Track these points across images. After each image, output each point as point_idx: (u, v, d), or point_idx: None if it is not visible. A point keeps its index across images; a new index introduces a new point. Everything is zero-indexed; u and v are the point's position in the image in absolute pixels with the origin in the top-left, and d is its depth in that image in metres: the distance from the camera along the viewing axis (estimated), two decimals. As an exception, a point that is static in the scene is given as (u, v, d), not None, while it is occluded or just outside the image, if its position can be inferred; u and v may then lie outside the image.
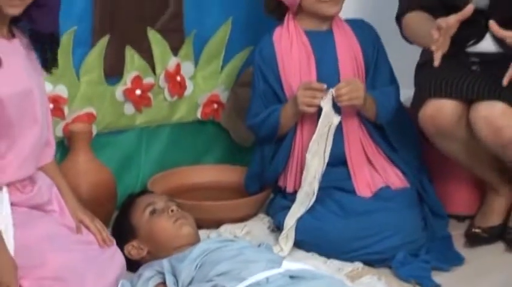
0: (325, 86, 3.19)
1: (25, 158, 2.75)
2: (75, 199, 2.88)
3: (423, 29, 3.19)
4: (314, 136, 3.21)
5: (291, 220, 3.21)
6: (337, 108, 3.23)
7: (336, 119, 3.21)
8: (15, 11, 2.66)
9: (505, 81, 3.07)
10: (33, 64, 2.81)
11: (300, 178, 3.28)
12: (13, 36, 2.73)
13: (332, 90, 3.18)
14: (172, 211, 3.02)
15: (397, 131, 3.37)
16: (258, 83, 3.35)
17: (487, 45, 3.28)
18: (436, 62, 3.06)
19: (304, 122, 3.31)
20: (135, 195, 3.14)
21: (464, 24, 3.12)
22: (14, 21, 2.74)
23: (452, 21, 3.06)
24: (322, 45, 3.34)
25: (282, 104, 3.30)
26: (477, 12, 3.12)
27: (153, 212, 3.02)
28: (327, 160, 3.22)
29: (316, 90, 3.19)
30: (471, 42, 3.29)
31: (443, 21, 3.04)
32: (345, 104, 3.19)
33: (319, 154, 3.22)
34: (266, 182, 3.40)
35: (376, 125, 3.35)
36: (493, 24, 3.06)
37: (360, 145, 3.35)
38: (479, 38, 3.28)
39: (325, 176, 3.26)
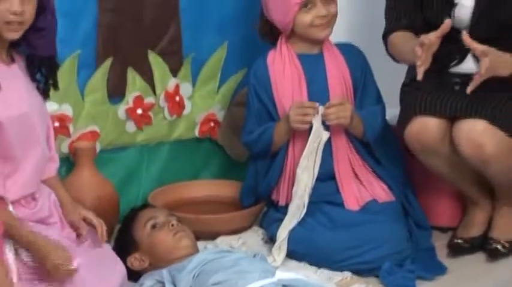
0: (316, 104, 3.19)
1: (28, 177, 2.74)
2: (75, 203, 2.89)
3: (407, 46, 3.19)
4: (304, 152, 3.23)
5: (283, 232, 3.21)
6: (326, 125, 3.22)
7: (325, 135, 3.22)
8: (14, 35, 2.66)
9: (468, 90, 3.06)
10: (32, 86, 2.79)
11: (292, 191, 3.28)
12: (12, 60, 2.72)
13: (322, 108, 3.17)
14: (172, 225, 3.02)
15: (383, 147, 3.38)
16: (253, 102, 3.36)
17: (468, 66, 3.27)
18: (419, 77, 3.08)
19: (295, 139, 3.31)
20: (137, 209, 3.14)
21: (447, 45, 3.14)
22: (13, 45, 2.72)
23: (433, 37, 3.06)
24: (313, 67, 3.35)
25: (276, 122, 3.28)
26: (459, 33, 3.13)
27: (154, 226, 3.02)
28: (316, 174, 3.23)
29: (308, 109, 3.18)
30: (454, 62, 3.29)
31: (425, 38, 3.06)
32: (333, 123, 3.20)
33: (309, 169, 3.23)
34: (260, 196, 3.40)
35: (363, 141, 3.36)
36: (465, 36, 3.06)
37: (347, 160, 3.35)
38: (461, 58, 3.28)
39: (315, 190, 3.26)
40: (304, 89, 3.30)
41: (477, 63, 3.21)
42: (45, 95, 2.83)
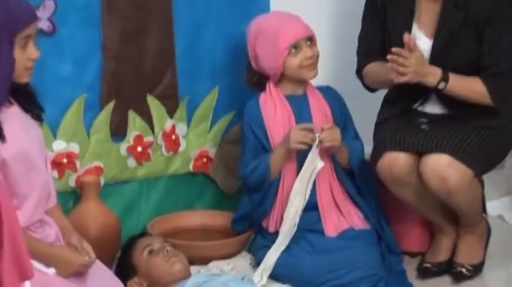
0: (312, 125, 3.24)
1: (35, 205, 2.73)
2: (76, 233, 2.82)
3: (381, 68, 3.22)
4: (299, 176, 3.23)
5: (275, 253, 3.20)
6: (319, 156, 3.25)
7: (320, 164, 3.23)
8: (27, 79, 2.66)
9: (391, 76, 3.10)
10: (30, 123, 2.76)
11: (281, 219, 3.27)
12: (10, 103, 2.69)
13: (318, 135, 3.19)
14: (167, 250, 3.03)
15: (361, 178, 3.40)
16: (249, 138, 3.36)
17: (432, 106, 3.30)
18: (396, 80, 3.09)
19: (286, 172, 3.32)
20: (135, 237, 3.14)
21: (411, 87, 3.19)
22: None
23: (397, 50, 3.09)
24: (299, 107, 3.36)
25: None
26: None
27: (150, 252, 3.03)
28: (307, 198, 3.22)
29: (308, 130, 3.21)
30: (418, 103, 3.31)
31: (393, 50, 3.09)
32: (327, 145, 3.20)
33: (302, 192, 3.24)
34: (254, 223, 3.40)
35: (344, 172, 3.37)
36: (406, 35, 3.11)
37: (329, 191, 3.36)
38: (425, 99, 3.30)
39: (299, 220, 3.26)
40: (293, 126, 3.31)
41: (440, 105, 3.29)
42: (39, 119, 2.80)
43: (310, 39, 3.33)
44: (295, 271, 3.17)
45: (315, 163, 3.23)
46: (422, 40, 3.24)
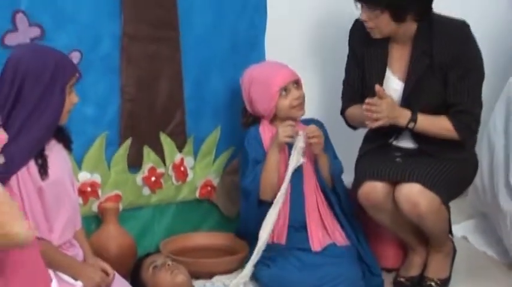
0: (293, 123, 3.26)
1: (64, 227, 2.74)
2: (93, 256, 2.85)
3: (359, 113, 3.23)
4: (286, 177, 3.23)
5: (266, 229, 3.20)
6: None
7: (302, 159, 3.23)
8: (66, 119, 2.71)
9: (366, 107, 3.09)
10: (63, 153, 2.79)
11: (276, 231, 3.29)
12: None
13: (304, 132, 3.21)
14: (168, 265, 3.02)
15: (344, 200, 3.38)
16: (251, 153, 3.34)
17: (405, 142, 3.31)
18: (370, 125, 3.13)
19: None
20: (142, 258, 3.13)
21: (387, 125, 3.18)
22: None
23: (370, 100, 3.11)
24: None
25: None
26: None
27: (155, 267, 3.03)
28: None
29: (293, 127, 3.23)
30: (392, 138, 3.32)
31: (367, 100, 3.12)
32: (313, 141, 3.21)
33: (277, 205, 3.23)
34: (252, 232, 3.32)
35: (330, 192, 3.36)
36: (376, 86, 3.11)
37: (316, 210, 3.35)
38: (398, 134, 3.29)
39: (290, 239, 3.29)
40: (286, 150, 3.32)
41: (412, 140, 3.29)
42: (69, 149, 2.82)
43: (297, 83, 3.35)
44: (285, 284, 3.16)
45: (299, 156, 3.22)
46: (395, 83, 3.25)
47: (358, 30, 3.29)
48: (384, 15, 3.11)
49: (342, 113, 3.43)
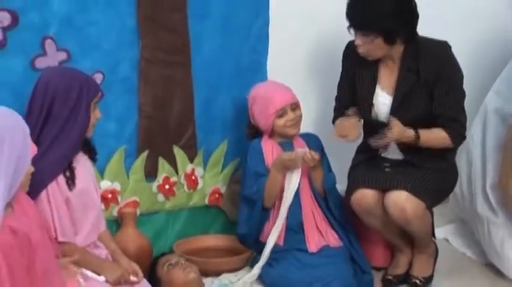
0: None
1: (89, 231, 2.76)
2: (124, 257, 2.84)
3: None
4: (289, 189, 3.25)
5: (274, 236, 3.24)
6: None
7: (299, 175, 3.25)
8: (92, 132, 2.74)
9: (375, 143, 3.12)
10: (88, 163, 2.81)
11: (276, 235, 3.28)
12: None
13: (301, 150, 3.23)
14: (181, 263, 3.03)
15: (335, 206, 3.37)
16: (251, 165, 3.34)
17: (394, 153, 3.30)
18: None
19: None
20: (157, 257, 3.13)
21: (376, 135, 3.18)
22: None
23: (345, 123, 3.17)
24: (288, 149, 3.36)
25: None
26: (381, 125, 3.18)
27: (169, 265, 3.03)
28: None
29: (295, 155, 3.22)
30: (381, 150, 3.31)
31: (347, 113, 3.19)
32: (308, 156, 3.19)
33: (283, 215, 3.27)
34: (256, 232, 3.36)
35: (323, 200, 3.35)
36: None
37: (312, 215, 3.34)
38: (386, 147, 3.27)
39: (288, 240, 3.30)
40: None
41: (399, 152, 3.27)
42: (93, 160, 2.86)
43: (295, 105, 3.35)
44: (287, 282, 3.17)
45: (299, 175, 3.25)
46: (384, 97, 3.25)
47: (351, 51, 3.27)
48: (378, 40, 3.10)
49: (333, 122, 3.41)
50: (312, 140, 3.47)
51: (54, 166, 2.63)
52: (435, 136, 3.18)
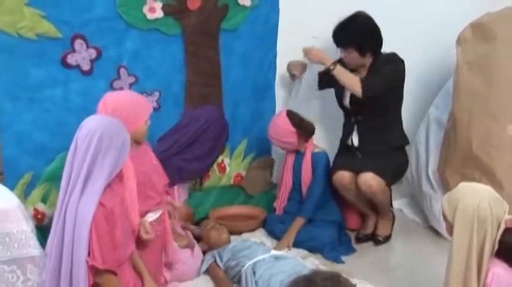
0: None
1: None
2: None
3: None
4: None
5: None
6: None
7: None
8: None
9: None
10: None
11: (284, 203, 3.29)
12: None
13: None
14: (215, 227, 3.06)
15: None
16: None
17: (355, 140, 3.24)
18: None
19: (286, 170, 3.32)
20: (198, 221, 3.15)
21: (345, 126, 3.20)
22: None
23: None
24: (299, 160, 3.31)
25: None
26: (350, 115, 3.21)
27: (206, 227, 3.07)
28: None
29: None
30: (346, 137, 3.28)
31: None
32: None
33: None
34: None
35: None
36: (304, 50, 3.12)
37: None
38: (349, 135, 3.26)
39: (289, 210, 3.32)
40: (291, 158, 3.33)
41: (358, 138, 3.22)
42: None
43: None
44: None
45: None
46: (349, 94, 3.22)
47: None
48: (354, 52, 3.12)
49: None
50: (317, 157, 3.29)
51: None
52: (350, 76, 3.07)
